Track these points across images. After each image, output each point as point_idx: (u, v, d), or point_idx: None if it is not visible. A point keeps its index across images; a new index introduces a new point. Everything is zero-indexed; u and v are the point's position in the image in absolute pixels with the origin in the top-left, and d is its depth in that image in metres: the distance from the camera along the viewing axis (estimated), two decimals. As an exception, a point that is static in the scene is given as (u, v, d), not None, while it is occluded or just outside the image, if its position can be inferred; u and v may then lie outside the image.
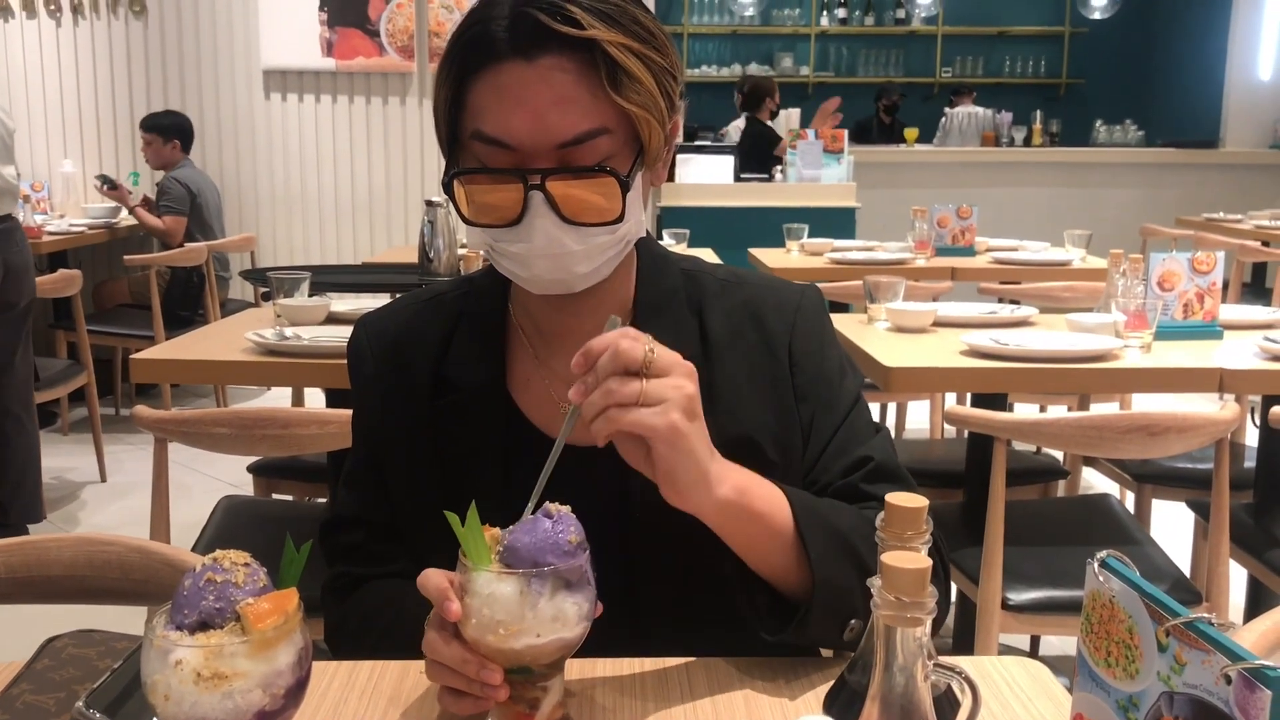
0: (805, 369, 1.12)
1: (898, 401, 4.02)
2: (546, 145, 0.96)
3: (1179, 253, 2.56)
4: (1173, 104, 9.65)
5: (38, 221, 5.10)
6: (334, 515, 1.19)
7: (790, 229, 4.52)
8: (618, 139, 0.99)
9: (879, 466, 1.10)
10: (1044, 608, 2.06)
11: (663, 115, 1.01)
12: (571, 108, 0.96)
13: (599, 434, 0.89)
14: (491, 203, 0.99)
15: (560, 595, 0.83)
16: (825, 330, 1.16)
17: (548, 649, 0.83)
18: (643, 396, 0.88)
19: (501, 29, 0.97)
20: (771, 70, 10.37)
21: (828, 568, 0.97)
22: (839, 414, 1.13)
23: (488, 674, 0.84)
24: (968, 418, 2.01)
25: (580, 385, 0.89)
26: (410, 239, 5.78)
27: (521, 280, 1.05)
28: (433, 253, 3.25)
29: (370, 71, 6.00)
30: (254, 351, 2.29)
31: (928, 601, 0.70)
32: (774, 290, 1.16)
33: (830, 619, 0.98)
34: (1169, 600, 0.64)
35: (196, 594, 0.74)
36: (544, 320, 1.13)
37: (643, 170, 1.02)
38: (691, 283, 1.15)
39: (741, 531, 0.97)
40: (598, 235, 1.00)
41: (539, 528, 0.84)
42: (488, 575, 0.82)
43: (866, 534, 0.99)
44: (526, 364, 1.14)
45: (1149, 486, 2.74)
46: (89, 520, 3.96)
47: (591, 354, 0.88)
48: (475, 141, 0.99)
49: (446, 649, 0.85)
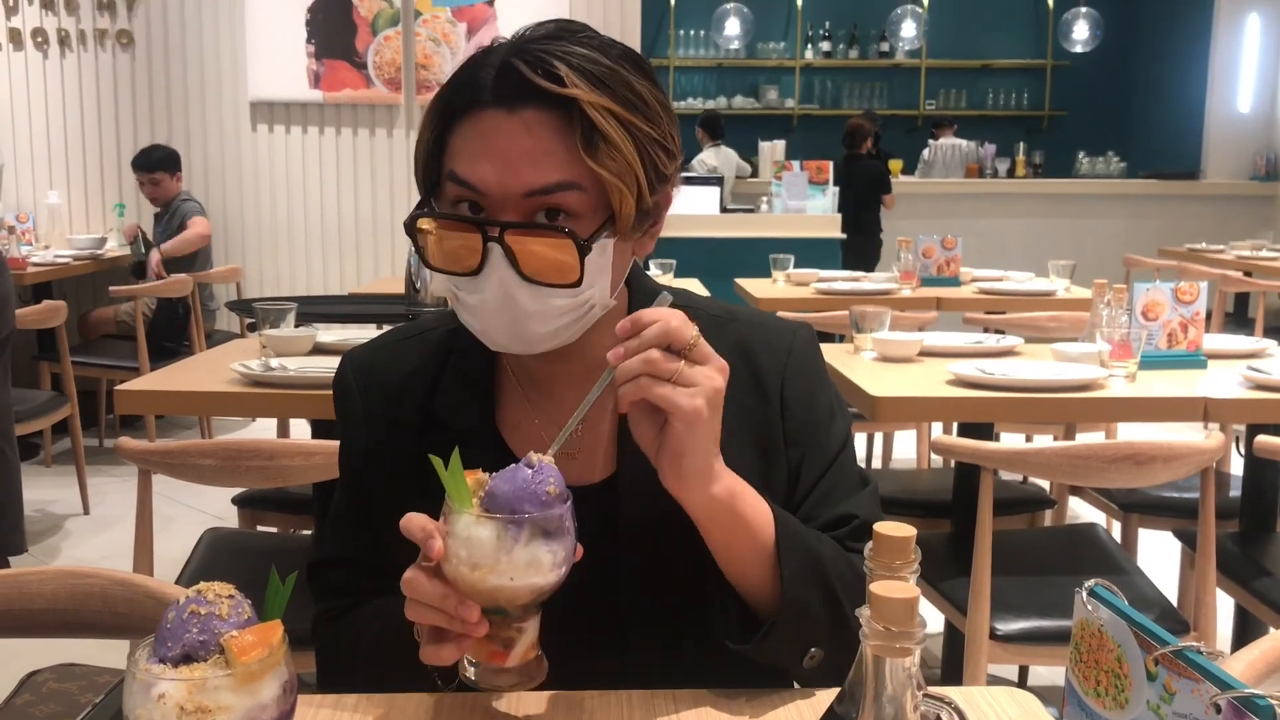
0: (795, 413, 1.12)
1: (884, 431, 4.03)
2: (515, 193, 0.96)
3: (1162, 283, 2.58)
4: (1154, 136, 9.75)
5: (23, 252, 5.09)
6: (322, 556, 1.17)
7: (776, 259, 4.54)
8: (589, 198, 0.97)
9: (864, 525, 1.08)
10: (1032, 638, 2.06)
11: (640, 185, 0.98)
12: (545, 160, 0.96)
13: (625, 397, 0.91)
14: (453, 250, 0.99)
15: (536, 542, 0.85)
16: (817, 372, 1.16)
17: (521, 591, 0.86)
18: (678, 376, 0.90)
19: (489, 77, 0.98)
20: (757, 103, 10.45)
21: (798, 589, 0.98)
22: (826, 459, 1.12)
23: (465, 610, 0.86)
24: (954, 447, 2.02)
25: (621, 348, 0.91)
26: (397, 270, 5.77)
27: (479, 333, 1.03)
28: (419, 283, 3.25)
29: (357, 103, 6.03)
30: (239, 383, 2.28)
31: (917, 631, 0.70)
32: (766, 329, 1.16)
33: (793, 641, 0.99)
34: (1158, 629, 0.63)
35: (180, 626, 0.73)
36: (532, 366, 1.11)
37: (614, 238, 1.00)
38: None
39: (724, 534, 0.98)
40: (554, 297, 0.98)
41: (519, 476, 0.87)
42: (468, 518, 0.86)
43: (843, 572, 1.00)
44: (517, 406, 1.13)
45: (1135, 516, 2.74)
46: (71, 553, 3.92)
47: (640, 322, 0.91)
48: (449, 182, 1.00)
49: (428, 584, 0.87)
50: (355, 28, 5.98)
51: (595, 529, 0.95)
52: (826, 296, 4.04)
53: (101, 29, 5.97)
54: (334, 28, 5.97)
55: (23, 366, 4.98)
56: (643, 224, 1.02)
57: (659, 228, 1.07)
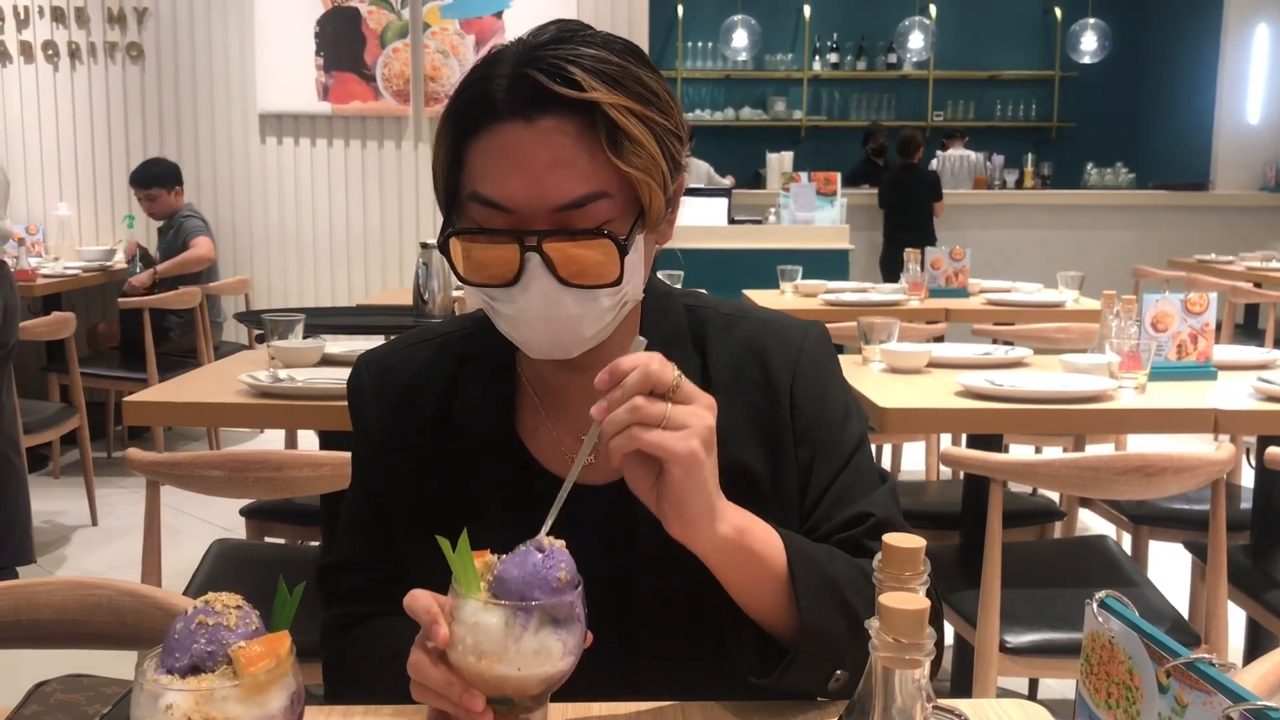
0: (806, 412, 1.10)
1: (893, 443, 4.02)
2: (544, 209, 0.95)
3: (1172, 294, 2.57)
4: (1163, 147, 9.74)
5: (32, 264, 5.11)
6: (334, 559, 1.17)
7: (784, 270, 4.54)
8: (617, 203, 0.97)
9: (880, 524, 1.07)
10: (1042, 650, 2.05)
11: (664, 177, 0.98)
12: (570, 171, 0.94)
13: (616, 450, 0.88)
14: (487, 263, 0.97)
15: (546, 630, 0.82)
16: (829, 370, 1.14)
17: (529, 682, 0.83)
18: (667, 420, 0.87)
19: (501, 89, 0.95)
20: (765, 114, 10.46)
21: (816, 615, 0.96)
22: (840, 459, 1.10)
23: (470, 699, 0.83)
24: (963, 459, 2.01)
25: (604, 402, 0.88)
26: (405, 281, 5.79)
27: (519, 343, 1.03)
28: (427, 295, 3.25)
29: (366, 115, 6.05)
30: (247, 394, 2.28)
31: (926, 643, 0.69)
32: (777, 327, 1.14)
33: (816, 667, 0.97)
34: (1169, 641, 0.63)
35: (188, 637, 0.73)
36: (549, 374, 1.11)
37: (644, 232, 1.00)
38: (695, 319, 1.13)
39: (737, 571, 0.96)
40: (598, 298, 0.98)
41: (529, 561, 0.83)
42: (475, 604, 0.83)
43: (861, 586, 0.98)
44: (534, 413, 1.12)
45: (1145, 528, 2.73)
46: (80, 564, 3.93)
47: (618, 371, 0.88)
48: (473, 203, 0.98)
49: (432, 670, 0.85)
50: (364, 40, 6.00)
51: (608, 529, 0.94)
52: (834, 308, 4.03)
53: (111, 42, 6.01)
54: (343, 40, 5.99)
55: (32, 378, 5.01)
56: (666, 212, 1.02)
57: (676, 214, 1.07)
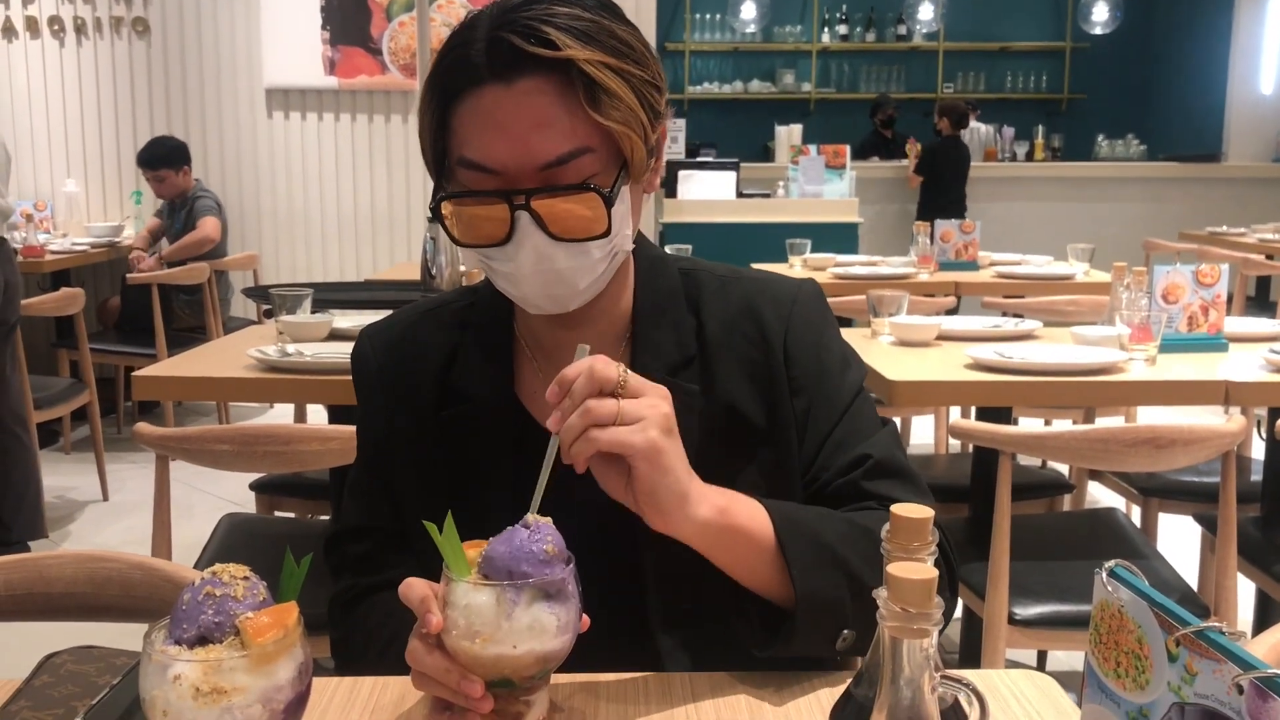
0: (800, 362, 1.11)
1: (901, 416, 4.01)
2: (529, 168, 0.97)
3: (1183, 265, 2.56)
4: (1175, 118, 9.67)
5: (40, 241, 5.11)
6: (339, 527, 1.18)
7: (793, 244, 4.53)
8: (600, 157, 0.98)
9: (880, 464, 1.08)
10: (1051, 622, 2.05)
11: (645, 128, 1.00)
12: (551, 130, 0.96)
13: (579, 457, 0.89)
14: (479, 224, 1.00)
15: (538, 605, 0.82)
16: (823, 323, 1.15)
17: (524, 660, 0.83)
18: (620, 416, 0.88)
19: (479, 53, 0.97)
20: (773, 87, 10.40)
21: (811, 581, 0.96)
22: (838, 408, 1.11)
23: (468, 685, 0.83)
24: (973, 431, 2.00)
25: (557, 413, 0.89)
26: (413, 256, 5.78)
27: (516, 299, 1.05)
28: (435, 269, 3.25)
29: (373, 89, 6.03)
30: (256, 368, 2.29)
31: (934, 613, 0.69)
32: (771, 285, 1.16)
33: (819, 631, 0.97)
34: (1179, 609, 0.63)
35: (195, 608, 0.73)
36: (545, 334, 1.13)
37: (629, 183, 1.02)
38: (689, 282, 1.15)
39: (726, 550, 0.97)
40: (588, 250, 1.00)
41: (515, 538, 0.84)
42: (465, 585, 0.83)
43: (856, 541, 0.99)
44: (534, 375, 1.14)
45: (1155, 500, 2.73)
46: (91, 539, 3.95)
47: (565, 381, 0.90)
48: (461, 167, 1.00)
49: (429, 658, 0.85)
50: (370, 14, 5.98)
51: (614, 512, 0.94)
52: (844, 281, 4.02)
53: (117, 17, 5.99)
54: (349, 14, 5.97)
55: (41, 354, 5.02)
56: (649, 162, 1.04)
57: (661, 162, 1.09)
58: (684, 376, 1.08)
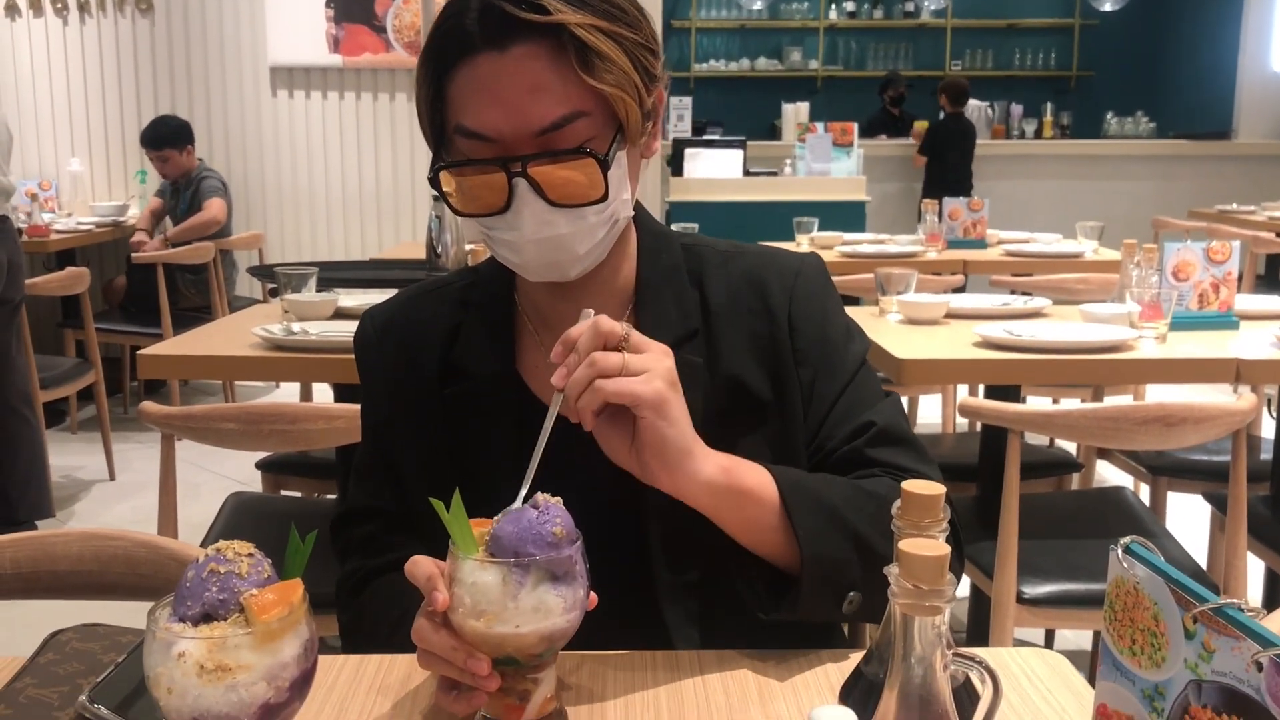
0: (805, 333, 1.12)
1: (909, 395, 4.00)
2: (525, 134, 0.97)
3: (1194, 242, 2.53)
4: (1185, 96, 9.60)
5: (45, 220, 5.09)
6: (345, 509, 1.19)
7: (800, 222, 4.50)
8: (595, 120, 0.98)
9: (883, 431, 1.09)
10: (1059, 601, 2.04)
11: (639, 91, 1.00)
12: (546, 95, 0.96)
13: (585, 409, 0.89)
14: (478, 193, 1.00)
15: (544, 587, 0.82)
16: (827, 295, 1.16)
17: (529, 639, 0.83)
18: (626, 368, 0.89)
19: (472, 22, 0.97)
20: (780, 64, 10.34)
21: (818, 543, 0.96)
22: (843, 378, 1.12)
23: (474, 663, 0.83)
24: (982, 409, 1.99)
25: (562, 369, 0.90)
26: (418, 234, 5.77)
27: (517, 267, 1.05)
28: (440, 248, 3.23)
29: (377, 67, 6.00)
30: (261, 347, 2.28)
31: (947, 590, 0.68)
32: (774, 258, 1.17)
33: (825, 594, 0.98)
34: (1196, 586, 0.62)
35: (199, 585, 0.72)
36: (547, 307, 1.13)
37: (626, 147, 1.02)
38: (692, 256, 1.15)
39: (731, 512, 0.97)
40: (587, 215, 1.00)
41: (523, 518, 0.83)
42: (471, 564, 0.83)
43: (861, 505, 0.99)
44: (535, 351, 1.14)
45: (1164, 479, 2.71)
46: (98, 518, 3.96)
47: (569, 340, 0.90)
48: (458, 135, 1.00)
49: (435, 636, 0.85)
50: (374, -9, 5.94)
51: (618, 483, 0.94)
52: (851, 259, 4.00)
53: (121, -5, 5.96)
54: (353, -9, 5.93)
55: (47, 333, 5.03)
56: (645, 126, 1.04)
57: (659, 127, 1.09)
58: (687, 349, 1.07)
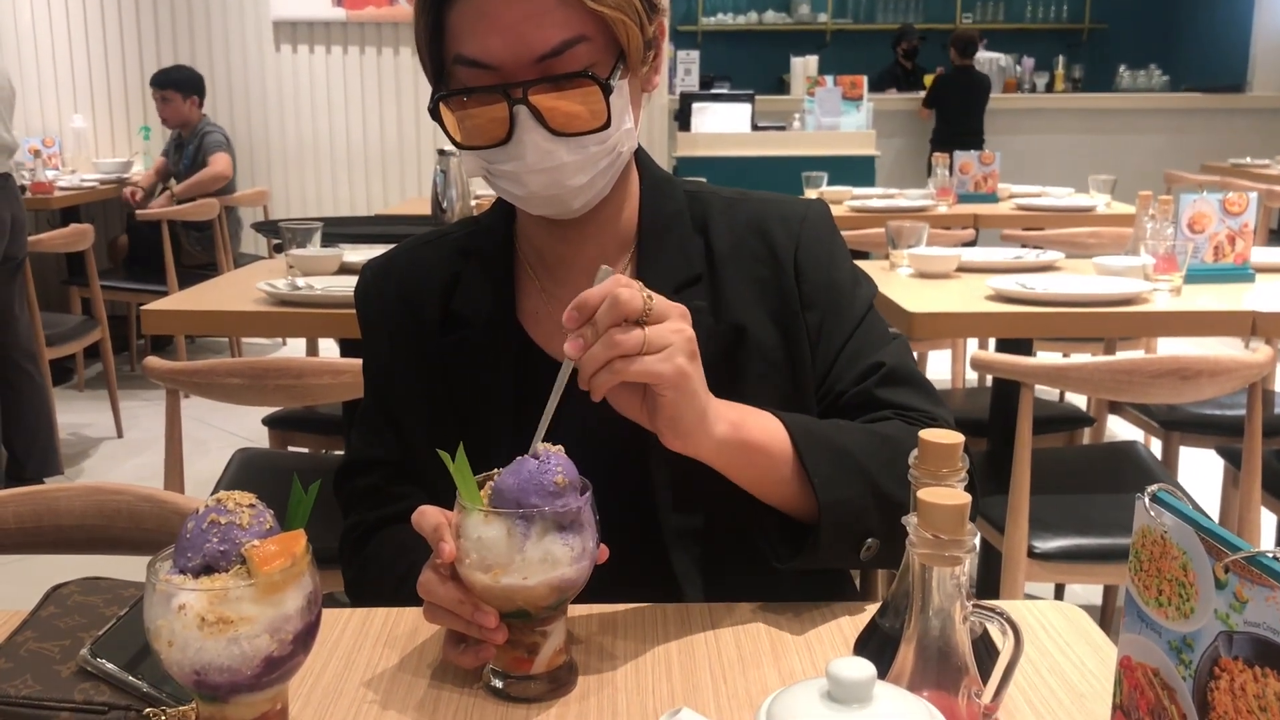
0: (811, 277, 1.10)
1: (918, 350, 3.97)
2: (526, 60, 0.95)
3: (1210, 194, 2.49)
4: (1198, 48, 9.47)
5: (49, 177, 5.06)
6: (347, 460, 1.18)
7: (809, 177, 4.46)
8: (596, 45, 0.96)
9: (892, 371, 1.08)
10: (1071, 556, 2.03)
11: (640, 17, 0.98)
12: (546, 19, 0.94)
13: (600, 387, 0.85)
14: (479, 124, 0.98)
15: (550, 537, 0.80)
16: (833, 240, 1.14)
17: (538, 590, 0.81)
18: (646, 345, 0.85)
19: None
20: (789, 18, 10.22)
21: (834, 490, 0.95)
22: (851, 321, 1.10)
23: (482, 616, 0.82)
24: (994, 363, 1.97)
25: (576, 339, 0.85)
26: (423, 190, 5.74)
27: (519, 200, 1.03)
28: (445, 203, 3.20)
29: (381, 21, 5.93)
30: (266, 302, 2.26)
31: (967, 540, 0.67)
32: (780, 204, 1.15)
33: (843, 540, 0.96)
34: (1227, 535, 0.59)
35: (199, 536, 0.71)
36: (548, 250, 1.11)
37: (628, 76, 0.99)
38: (696, 202, 1.13)
39: (743, 466, 0.95)
40: (588, 145, 0.98)
41: (524, 469, 0.82)
42: (476, 516, 0.81)
43: (876, 449, 0.98)
44: (535, 297, 1.12)
45: (1176, 434, 2.69)
46: (105, 475, 3.96)
47: (587, 306, 0.84)
48: (458, 65, 0.98)
49: (442, 589, 0.84)
50: (377, -56, 5.86)
51: (622, 427, 0.92)
52: (861, 214, 3.96)
53: (121, -51, 5.89)
54: (356, -56, 5.85)
55: (53, 291, 5.01)
56: (647, 55, 1.02)
57: (660, 59, 1.07)
58: (690, 294, 1.05)
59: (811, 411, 1.08)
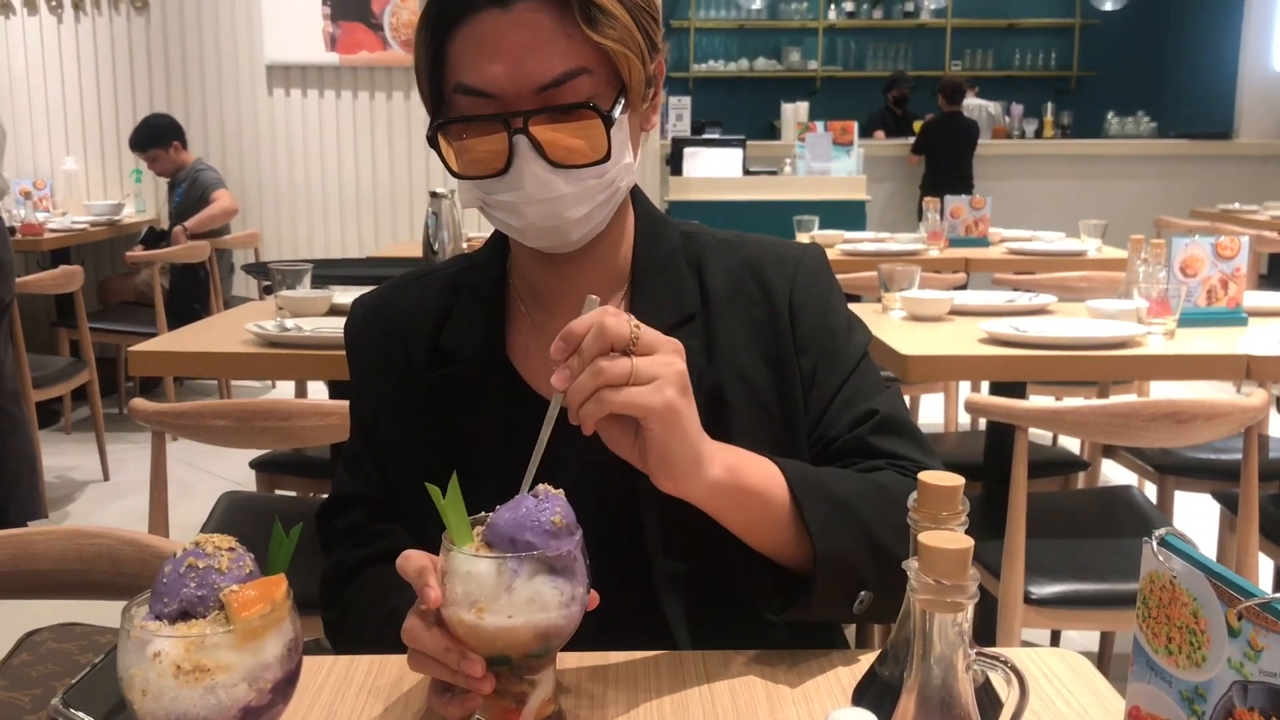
0: (806, 321, 1.09)
1: (910, 394, 3.96)
2: (527, 89, 0.94)
3: (1202, 238, 2.50)
4: (1186, 95, 9.57)
5: (40, 219, 5.05)
6: (331, 497, 1.16)
7: (801, 221, 4.47)
8: (598, 79, 0.96)
9: (886, 419, 1.06)
10: (1068, 601, 2.00)
11: (642, 52, 0.98)
12: (548, 50, 0.93)
13: (588, 419, 0.83)
14: (478, 153, 0.97)
15: (540, 578, 0.78)
16: (828, 285, 1.13)
17: (523, 634, 0.78)
18: (634, 375, 0.83)
19: None
20: (779, 64, 10.31)
21: (831, 540, 0.92)
22: (845, 367, 1.09)
23: (468, 664, 0.79)
24: (989, 406, 1.95)
25: (564, 370, 0.83)
26: (415, 234, 5.72)
27: (515, 231, 1.02)
28: (437, 245, 3.19)
29: (374, 66, 5.96)
30: (255, 343, 2.24)
31: (969, 585, 0.64)
32: (775, 247, 1.14)
33: (838, 592, 0.94)
34: (1240, 580, 0.58)
35: (177, 581, 0.68)
36: (542, 286, 1.10)
37: (628, 112, 0.99)
38: (691, 243, 1.12)
39: (737, 511, 0.92)
40: (586, 178, 0.96)
41: (522, 505, 0.80)
42: (465, 553, 0.79)
43: (872, 499, 0.96)
44: (527, 333, 1.11)
45: (1171, 478, 2.68)
46: (91, 519, 3.91)
47: (573, 336, 0.83)
48: (458, 94, 0.97)
49: (427, 635, 0.81)
50: (372, -11, 5.90)
51: (614, 466, 0.90)
52: (853, 258, 3.96)
53: (116, -7, 5.92)
54: (350, -11, 5.89)
55: (41, 333, 4.98)
56: (647, 92, 1.02)
57: (659, 98, 1.07)
58: (684, 334, 1.03)
59: (803, 456, 1.06)
